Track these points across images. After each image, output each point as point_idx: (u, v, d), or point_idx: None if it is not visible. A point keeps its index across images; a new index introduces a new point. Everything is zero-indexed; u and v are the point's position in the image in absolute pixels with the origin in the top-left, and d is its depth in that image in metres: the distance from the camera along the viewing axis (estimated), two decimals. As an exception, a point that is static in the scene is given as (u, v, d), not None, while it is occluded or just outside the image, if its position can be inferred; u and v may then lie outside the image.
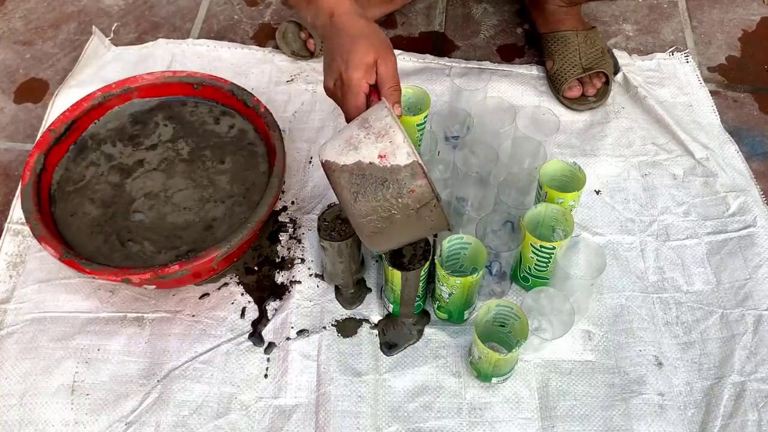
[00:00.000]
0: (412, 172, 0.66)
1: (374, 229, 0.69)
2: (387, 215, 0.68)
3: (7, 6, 1.29)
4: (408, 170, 0.66)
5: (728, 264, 0.92)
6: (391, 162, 0.66)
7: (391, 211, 0.67)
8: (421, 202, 0.67)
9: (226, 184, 0.93)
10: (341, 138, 0.70)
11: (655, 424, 0.80)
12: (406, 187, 0.66)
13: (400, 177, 0.66)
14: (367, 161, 0.67)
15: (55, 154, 0.92)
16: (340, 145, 0.69)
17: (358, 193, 0.67)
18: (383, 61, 0.74)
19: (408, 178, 0.66)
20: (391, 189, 0.66)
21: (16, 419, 0.80)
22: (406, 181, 0.66)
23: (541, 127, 0.94)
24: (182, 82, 0.99)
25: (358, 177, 0.67)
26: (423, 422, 0.80)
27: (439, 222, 0.70)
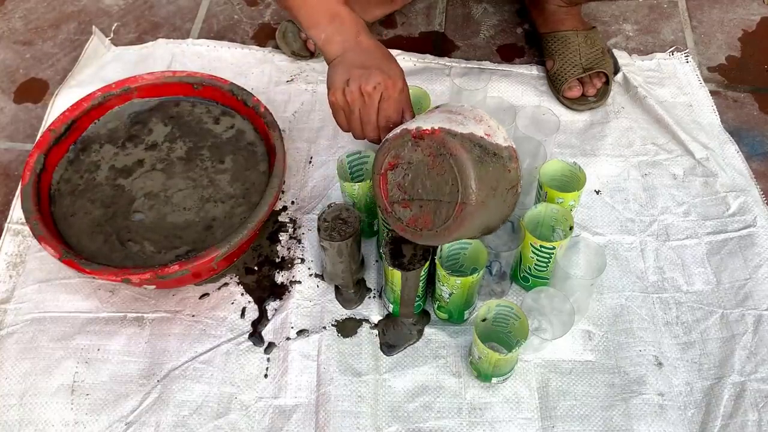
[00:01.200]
0: (509, 154, 0.72)
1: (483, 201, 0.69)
2: (493, 186, 0.70)
3: (7, 6, 1.29)
4: (507, 152, 0.72)
5: (728, 264, 0.92)
6: (495, 140, 0.71)
7: (497, 185, 0.71)
8: (512, 183, 0.72)
9: (225, 184, 0.93)
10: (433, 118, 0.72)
11: (655, 424, 0.80)
12: (507, 167, 0.71)
13: (504, 155, 0.71)
14: (479, 135, 0.70)
15: (55, 154, 0.92)
16: (443, 120, 0.71)
17: (479, 159, 0.69)
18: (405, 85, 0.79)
19: (507, 159, 0.71)
20: (499, 164, 0.71)
21: (16, 419, 0.80)
22: (506, 160, 0.71)
23: (541, 127, 0.94)
24: (182, 82, 0.99)
25: (477, 146, 0.70)
26: (423, 422, 0.80)
27: (509, 209, 0.74)
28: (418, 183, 0.72)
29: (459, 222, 0.69)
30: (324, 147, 1.05)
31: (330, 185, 1.00)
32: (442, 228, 0.71)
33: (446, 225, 0.70)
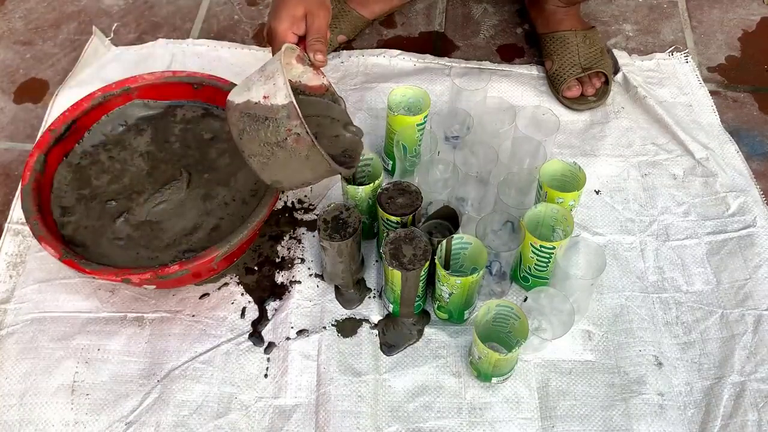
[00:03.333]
0: (288, 112, 0.71)
1: (260, 166, 0.75)
2: (269, 152, 0.73)
3: (7, 6, 1.29)
4: (285, 110, 0.71)
5: (728, 264, 0.92)
6: (272, 102, 0.72)
7: (272, 149, 0.73)
8: (298, 142, 0.72)
9: (226, 184, 0.93)
10: (245, 80, 0.77)
11: (655, 424, 0.80)
12: (284, 126, 0.72)
13: (278, 116, 0.72)
14: (255, 101, 0.73)
15: (55, 154, 0.92)
16: (241, 86, 0.76)
17: (243, 131, 0.74)
18: (312, 15, 0.82)
19: (284, 117, 0.71)
20: (271, 127, 0.72)
21: (16, 419, 0.80)
22: (283, 121, 0.71)
23: (541, 127, 0.94)
24: (182, 82, 0.99)
25: (245, 115, 0.73)
26: (423, 422, 0.80)
27: (320, 163, 0.74)
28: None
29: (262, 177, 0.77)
30: (324, 147, 1.05)
31: (330, 185, 1.00)
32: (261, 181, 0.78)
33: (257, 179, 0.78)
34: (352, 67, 1.15)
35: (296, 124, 0.71)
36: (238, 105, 0.74)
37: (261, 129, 0.72)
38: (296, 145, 0.72)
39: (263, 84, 0.73)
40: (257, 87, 0.73)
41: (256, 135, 0.73)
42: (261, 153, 0.74)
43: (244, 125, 0.73)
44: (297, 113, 0.71)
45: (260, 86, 0.73)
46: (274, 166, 0.75)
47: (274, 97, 0.72)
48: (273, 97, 0.72)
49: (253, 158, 0.75)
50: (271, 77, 0.73)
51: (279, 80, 0.72)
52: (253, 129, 0.73)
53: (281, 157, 0.74)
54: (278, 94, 0.71)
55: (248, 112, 0.73)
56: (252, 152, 0.74)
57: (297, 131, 0.71)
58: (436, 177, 0.92)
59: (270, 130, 0.72)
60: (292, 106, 0.71)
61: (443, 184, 0.92)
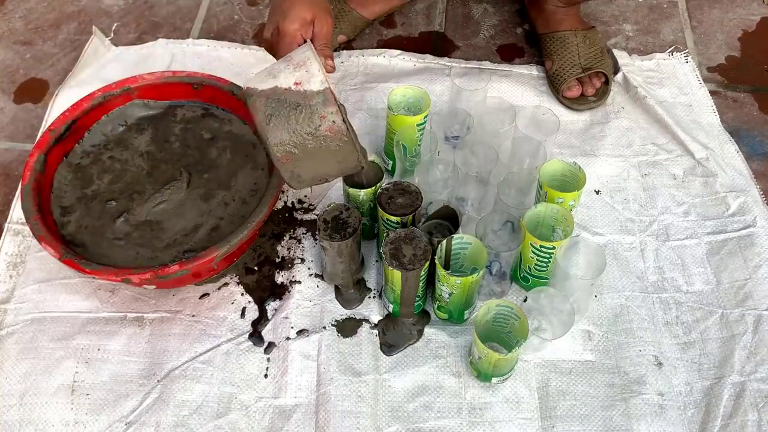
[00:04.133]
0: (324, 98, 0.69)
1: (287, 155, 0.71)
2: (299, 140, 0.71)
3: (7, 6, 1.29)
4: (320, 96, 0.69)
5: (728, 264, 0.92)
6: (305, 88, 0.70)
7: (302, 136, 0.70)
8: (332, 130, 0.70)
9: (226, 184, 0.93)
10: (264, 71, 0.74)
11: (655, 424, 0.80)
12: (318, 113, 0.69)
13: (312, 102, 0.70)
14: (284, 87, 0.70)
15: (55, 154, 0.92)
16: (262, 75, 0.73)
17: (271, 116, 0.70)
18: (320, 21, 0.83)
19: (320, 104, 0.69)
20: (304, 113, 0.70)
21: (16, 419, 0.80)
22: (318, 107, 0.69)
23: (541, 127, 0.94)
24: (182, 82, 0.99)
25: (274, 101, 0.70)
26: (423, 422, 0.80)
27: (349, 154, 0.72)
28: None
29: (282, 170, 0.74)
30: (324, 147, 1.05)
31: (330, 185, 1.00)
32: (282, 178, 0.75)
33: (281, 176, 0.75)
34: (352, 67, 1.15)
35: (332, 111, 0.69)
36: (263, 91, 0.71)
37: (292, 115, 0.70)
38: (329, 133, 0.70)
39: (293, 71, 0.71)
40: (285, 74, 0.71)
41: (286, 121, 0.70)
42: (289, 141, 0.71)
43: (272, 111, 0.70)
44: (334, 99, 0.69)
45: (289, 73, 0.71)
46: (301, 156, 0.72)
47: (308, 83, 0.70)
48: (306, 83, 0.70)
49: (279, 147, 0.71)
50: (303, 65, 0.71)
51: (313, 67, 0.70)
52: (283, 115, 0.70)
53: (310, 147, 0.71)
54: (312, 80, 0.70)
55: (277, 98, 0.70)
56: (279, 140, 0.71)
57: (333, 118, 0.69)
58: (436, 177, 0.92)
59: (302, 116, 0.70)
60: (329, 92, 0.69)
61: (443, 184, 0.92)
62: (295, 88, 0.70)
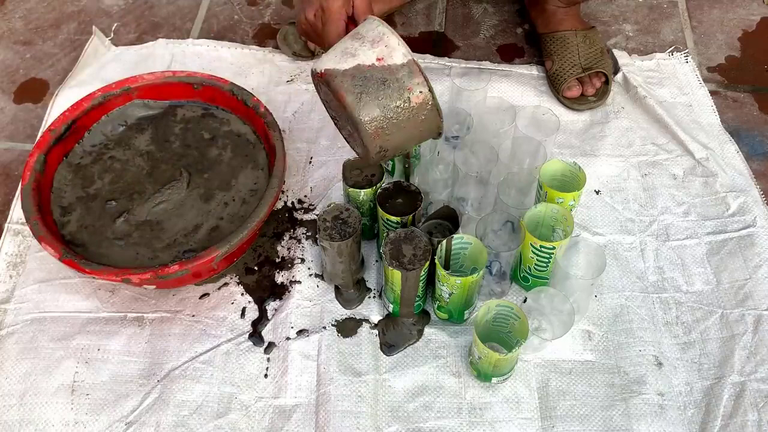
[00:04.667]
0: (409, 70, 0.70)
1: (377, 131, 0.71)
2: (391, 115, 0.71)
3: (7, 6, 1.29)
4: (405, 69, 0.70)
5: (728, 264, 0.92)
6: (388, 63, 0.70)
7: (393, 110, 0.71)
8: (420, 100, 0.71)
9: (226, 184, 0.93)
10: (335, 51, 0.73)
11: (655, 424, 0.80)
12: (405, 85, 0.70)
13: (399, 76, 0.70)
14: (367, 64, 0.70)
15: (55, 154, 0.92)
16: (336, 56, 0.72)
17: (362, 93, 0.70)
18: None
19: (406, 76, 0.70)
20: (392, 87, 0.70)
21: (16, 419, 0.80)
22: (404, 79, 0.70)
23: (541, 127, 0.94)
24: (182, 82, 0.99)
25: (360, 79, 0.70)
26: (423, 422, 0.80)
27: (432, 122, 0.73)
28: (338, 116, 0.76)
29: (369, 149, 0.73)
30: (324, 147, 1.05)
31: (330, 185, 1.00)
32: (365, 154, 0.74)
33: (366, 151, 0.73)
34: (352, 67, 1.15)
35: (419, 82, 0.70)
36: (347, 70, 0.70)
37: (381, 91, 0.70)
38: (416, 104, 0.71)
39: (371, 48, 0.70)
40: (364, 52, 0.71)
41: (376, 98, 0.70)
42: (380, 116, 0.71)
43: (362, 89, 0.70)
44: (420, 70, 0.70)
45: (368, 51, 0.70)
46: (390, 129, 0.72)
47: (390, 57, 0.70)
48: (389, 58, 0.70)
49: (371, 123, 0.71)
50: (380, 41, 0.71)
51: (392, 41, 0.70)
52: (372, 92, 0.70)
53: (399, 119, 0.71)
54: (394, 54, 0.70)
55: (363, 76, 0.70)
56: (372, 117, 0.70)
57: (420, 89, 0.70)
58: (436, 177, 0.92)
59: (390, 91, 0.70)
60: (413, 63, 0.70)
61: (443, 184, 0.92)
62: (378, 64, 0.70)
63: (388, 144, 0.73)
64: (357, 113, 0.70)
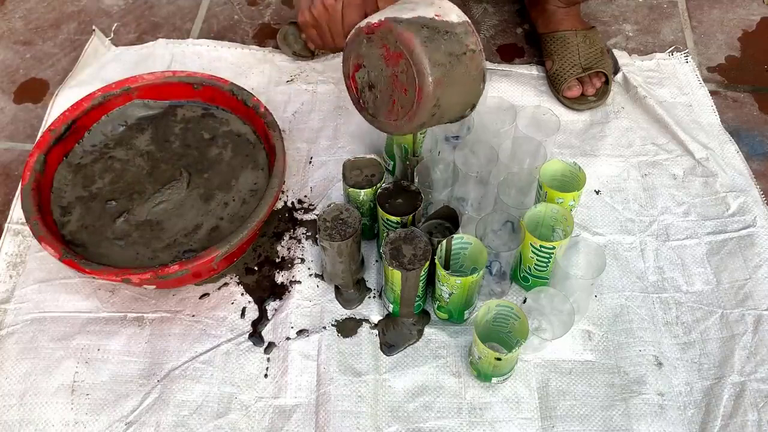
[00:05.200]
0: (465, 29, 0.72)
1: (438, 80, 0.71)
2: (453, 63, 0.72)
3: (7, 6, 1.29)
4: (462, 27, 0.72)
5: (728, 264, 0.92)
6: (446, 19, 0.72)
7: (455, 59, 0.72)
8: (474, 58, 0.72)
9: (225, 184, 0.93)
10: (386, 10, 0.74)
11: (655, 424, 0.80)
12: (463, 41, 0.72)
13: (457, 32, 0.72)
14: (428, 17, 0.72)
15: (55, 154, 0.92)
16: (395, 9, 0.73)
17: (428, 38, 0.71)
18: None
19: (463, 34, 0.72)
20: (452, 40, 0.71)
21: (16, 419, 0.80)
22: (462, 36, 0.72)
23: (541, 127, 0.94)
24: (182, 82, 0.99)
25: (425, 27, 0.71)
26: (423, 422, 0.80)
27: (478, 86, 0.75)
28: (381, 77, 0.75)
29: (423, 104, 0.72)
30: (324, 147, 1.05)
31: (330, 185, 1.00)
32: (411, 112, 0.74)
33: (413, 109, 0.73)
34: (352, 67, 1.15)
35: (474, 41, 0.72)
36: (411, 19, 0.71)
37: (444, 39, 0.71)
38: (470, 62, 0.72)
39: (427, 6, 0.72)
40: (422, 8, 0.72)
41: (440, 45, 0.71)
42: (444, 62, 0.71)
43: (428, 34, 0.71)
44: (473, 30, 0.72)
45: (426, 7, 0.72)
46: (449, 81, 0.72)
47: (447, 15, 0.72)
48: (445, 16, 0.72)
49: (437, 68, 0.71)
50: (432, 3, 0.72)
51: (445, 3, 0.73)
52: (437, 39, 0.71)
53: (457, 72, 0.72)
54: (450, 13, 0.72)
55: (428, 25, 0.71)
56: (437, 61, 0.71)
57: (473, 48, 0.72)
58: (436, 177, 0.92)
59: (453, 41, 0.71)
60: (467, 23, 0.72)
61: (443, 184, 0.92)
62: (438, 18, 0.72)
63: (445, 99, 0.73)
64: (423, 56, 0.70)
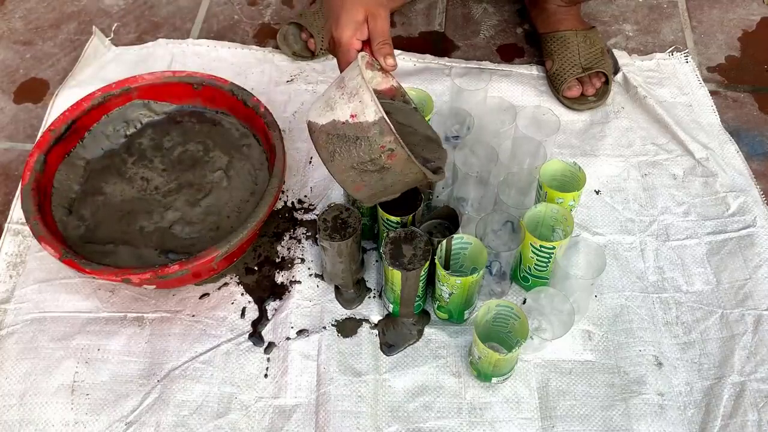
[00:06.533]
0: (380, 129, 0.68)
1: (355, 185, 0.72)
2: (365, 170, 0.70)
3: (7, 6, 1.29)
4: (377, 127, 0.68)
5: (728, 264, 0.92)
6: (360, 120, 0.68)
7: (367, 167, 0.70)
8: (393, 158, 0.69)
9: (226, 184, 0.93)
10: (323, 98, 0.73)
11: (655, 424, 0.80)
12: (377, 143, 0.68)
13: (370, 135, 0.68)
14: (342, 120, 0.69)
15: (55, 154, 0.92)
16: (321, 106, 0.72)
17: (334, 152, 0.70)
18: (373, 17, 0.75)
19: (377, 135, 0.68)
20: (363, 146, 0.69)
21: (16, 419, 0.80)
22: (376, 138, 0.68)
23: (541, 127, 0.94)
24: (182, 82, 0.99)
25: (334, 137, 0.70)
26: (423, 422, 0.80)
27: (414, 175, 0.72)
28: None
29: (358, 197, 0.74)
30: (324, 147, 1.05)
31: (330, 185, 1.00)
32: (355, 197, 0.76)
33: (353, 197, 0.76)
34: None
35: (390, 140, 0.68)
36: (323, 126, 0.70)
37: (353, 149, 0.69)
38: (390, 161, 0.69)
39: (347, 102, 0.69)
40: (341, 106, 0.70)
41: (348, 156, 0.70)
42: (355, 174, 0.71)
43: (334, 147, 0.70)
44: (390, 129, 0.68)
45: (344, 105, 0.69)
46: (369, 184, 0.72)
47: (363, 114, 0.68)
48: (361, 115, 0.68)
49: (347, 181, 0.72)
50: (356, 94, 0.69)
51: (365, 96, 0.68)
52: (345, 150, 0.69)
53: (377, 176, 0.71)
54: (367, 111, 0.68)
55: (336, 133, 0.70)
56: (346, 175, 0.71)
57: (391, 147, 0.68)
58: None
59: (362, 149, 0.69)
60: (384, 122, 0.67)
61: (443, 184, 0.92)
62: (351, 120, 0.69)
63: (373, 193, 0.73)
64: (331, 171, 0.72)
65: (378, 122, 0.68)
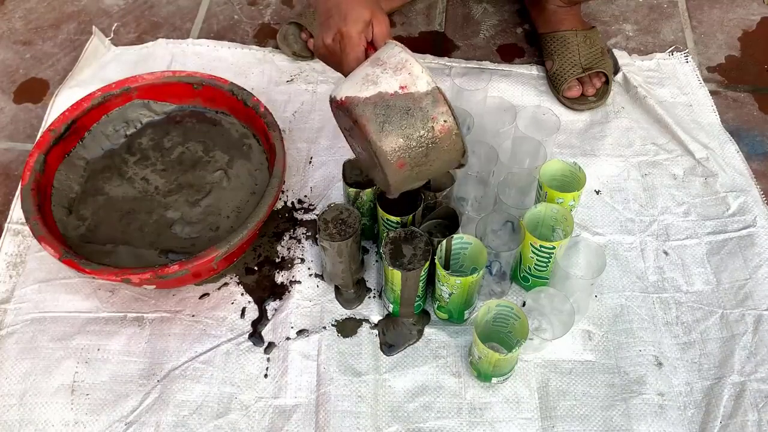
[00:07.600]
0: (433, 99, 0.68)
1: (400, 161, 0.70)
2: (414, 144, 0.69)
3: (7, 6, 1.29)
4: (429, 97, 0.68)
5: (728, 264, 0.92)
6: (411, 90, 0.68)
7: (417, 139, 0.69)
8: (444, 130, 0.69)
9: (226, 184, 0.93)
10: (356, 78, 0.71)
11: (655, 424, 0.80)
12: (429, 114, 0.68)
13: (423, 105, 0.68)
14: (390, 92, 0.69)
15: (55, 154, 0.92)
16: (357, 83, 0.70)
17: (384, 123, 0.69)
18: (377, 20, 0.77)
19: (430, 105, 0.68)
20: (416, 116, 0.68)
21: (16, 419, 0.80)
22: (428, 108, 0.68)
23: (541, 127, 0.94)
24: (182, 82, 0.99)
25: (382, 108, 0.69)
26: (423, 422, 0.80)
27: (456, 152, 0.71)
28: (358, 147, 0.75)
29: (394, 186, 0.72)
30: (324, 147, 1.05)
31: (330, 185, 1.00)
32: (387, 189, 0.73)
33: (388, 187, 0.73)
34: (352, 67, 1.15)
35: (443, 111, 0.68)
36: (368, 98, 0.69)
37: (404, 120, 0.68)
38: (441, 134, 0.69)
39: (394, 75, 0.69)
40: (386, 79, 0.69)
41: (399, 127, 0.68)
42: (404, 146, 0.69)
43: (384, 118, 0.68)
44: (444, 98, 0.68)
45: (390, 78, 0.69)
46: (413, 160, 0.70)
47: (414, 85, 0.68)
48: (412, 86, 0.68)
49: (394, 153, 0.69)
50: (402, 67, 0.69)
51: (415, 68, 0.68)
52: (395, 121, 0.68)
53: (423, 149, 0.70)
54: (418, 82, 0.68)
55: (385, 104, 0.68)
56: (395, 147, 0.69)
57: (444, 118, 0.69)
58: (436, 177, 0.92)
59: (415, 120, 0.68)
60: (437, 91, 0.68)
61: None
62: (401, 92, 0.69)
63: (411, 175, 0.72)
64: (379, 143, 0.69)
65: (431, 92, 0.68)
